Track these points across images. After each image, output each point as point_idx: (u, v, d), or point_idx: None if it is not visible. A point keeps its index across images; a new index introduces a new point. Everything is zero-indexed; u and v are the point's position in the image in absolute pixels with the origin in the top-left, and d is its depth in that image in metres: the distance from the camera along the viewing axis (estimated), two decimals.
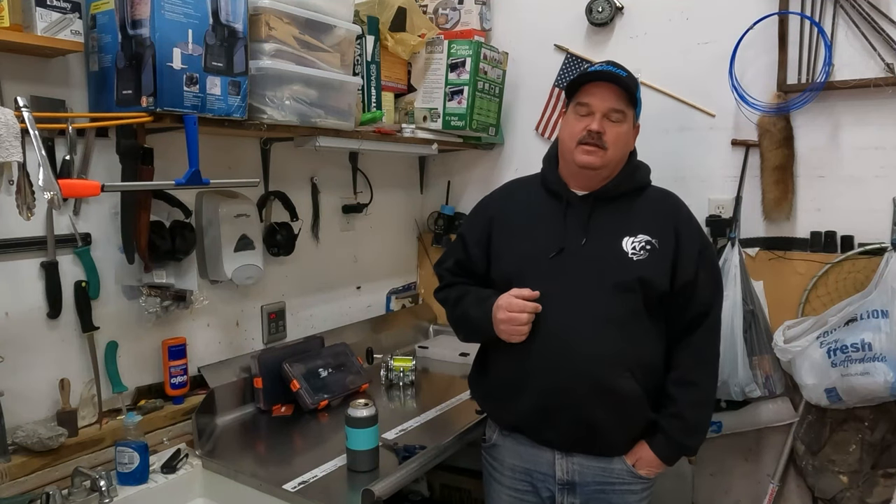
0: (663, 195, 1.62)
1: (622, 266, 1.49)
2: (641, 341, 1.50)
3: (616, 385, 1.46)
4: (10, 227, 1.47)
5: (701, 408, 1.55)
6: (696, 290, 1.52)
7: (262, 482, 1.54)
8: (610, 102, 1.49)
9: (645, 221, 1.54)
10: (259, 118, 1.66)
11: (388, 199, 2.67)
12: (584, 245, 1.52)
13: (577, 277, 1.50)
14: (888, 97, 1.89)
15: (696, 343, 1.54)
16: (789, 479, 2.12)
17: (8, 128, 1.17)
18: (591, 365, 1.45)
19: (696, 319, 1.53)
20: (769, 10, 2.01)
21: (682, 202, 1.62)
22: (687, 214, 1.59)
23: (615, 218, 1.54)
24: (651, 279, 1.48)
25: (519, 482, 1.61)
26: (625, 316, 1.48)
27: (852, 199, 1.98)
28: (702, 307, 1.53)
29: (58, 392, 1.56)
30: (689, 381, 1.52)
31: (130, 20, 1.42)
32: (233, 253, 1.86)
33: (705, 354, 1.56)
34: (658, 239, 1.51)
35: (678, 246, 1.52)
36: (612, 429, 1.49)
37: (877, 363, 1.77)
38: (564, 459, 1.54)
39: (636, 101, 1.54)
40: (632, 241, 1.51)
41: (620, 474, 1.53)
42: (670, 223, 1.54)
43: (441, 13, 2.52)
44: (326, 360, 2.08)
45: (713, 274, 1.58)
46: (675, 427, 1.51)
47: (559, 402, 1.49)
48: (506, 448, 1.63)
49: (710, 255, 1.59)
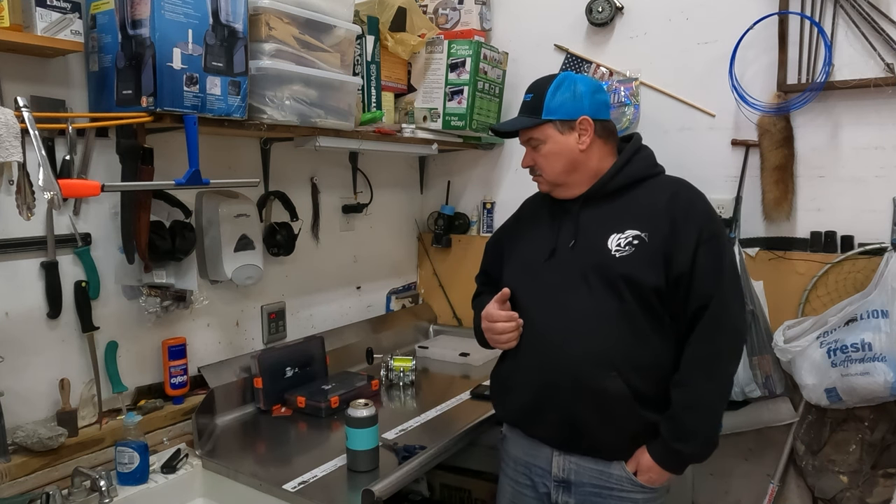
0: (667, 184, 1.55)
1: (605, 264, 1.47)
2: (635, 340, 1.45)
3: (599, 385, 1.43)
4: (10, 227, 1.47)
5: (695, 411, 1.43)
6: (692, 282, 1.43)
7: (262, 482, 1.54)
8: (523, 136, 1.59)
9: (637, 215, 1.50)
10: (259, 118, 1.66)
11: (388, 199, 2.67)
12: (573, 246, 1.53)
13: (564, 278, 1.51)
14: (888, 97, 1.89)
15: (694, 341, 1.45)
16: (789, 479, 2.12)
17: (8, 128, 1.17)
18: (574, 364, 1.45)
19: (696, 314, 1.44)
20: (769, 10, 2.01)
21: (685, 190, 1.52)
22: (687, 202, 1.49)
23: (606, 216, 1.53)
24: (635, 276, 1.43)
25: (519, 475, 1.63)
26: (613, 315, 1.45)
27: (852, 199, 1.98)
28: (700, 300, 1.43)
29: (58, 392, 1.56)
30: (682, 382, 1.45)
31: (130, 20, 1.42)
32: (233, 253, 1.86)
33: (703, 353, 1.44)
34: (650, 232, 1.46)
35: (674, 237, 1.45)
36: (596, 428, 1.47)
37: (877, 363, 1.77)
38: (561, 457, 1.54)
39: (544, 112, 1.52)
40: (618, 237, 1.48)
41: (619, 480, 1.50)
42: (666, 214, 1.47)
43: (441, 13, 2.52)
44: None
45: (715, 264, 1.44)
46: (669, 430, 1.44)
47: (546, 401, 1.51)
48: (511, 441, 1.67)
49: (713, 244, 1.45)
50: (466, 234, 2.74)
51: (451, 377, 2.32)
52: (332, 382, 2.06)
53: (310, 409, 1.93)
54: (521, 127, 1.58)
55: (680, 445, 1.43)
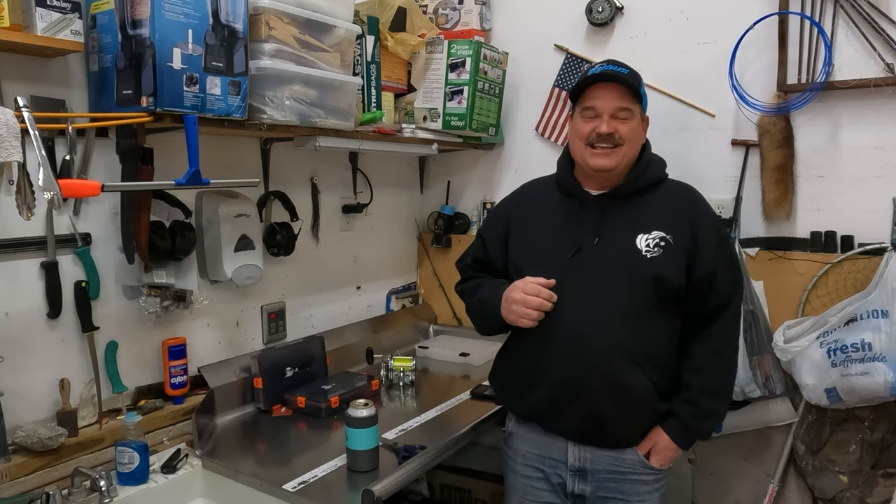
0: (679, 189, 1.62)
1: (637, 264, 1.51)
2: (653, 336, 1.52)
3: (627, 379, 1.49)
4: (10, 227, 1.47)
5: (714, 396, 1.55)
6: (715, 282, 1.53)
7: (262, 482, 1.54)
8: (615, 102, 1.51)
9: (659, 217, 1.55)
10: (259, 118, 1.66)
11: (388, 199, 2.67)
12: (598, 244, 1.54)
13: (592, 275, 1.52)
14: (888, 97, 1.89)
15: (714, 334, 1.55)
16: (789, 479, 2.12)
17: (8, 128, 1.17)
18: (603, 359, 1.49)
19: (716, 311, 1.54)
20: (769, 10, 2.01)
21: (698, 195, 1.62)
22: (704, 207, 1.60)
23: (629, 216, 1.56)
24: (666, 276, 1.50)
25: (530, 469, 1.65)
26: (637, 312, 1.50)
27: (852, 199, 1.98)
28: (722, 298, 1.54)
29: (58, 392, 1.56)
30: (704, 369, 1.54)
31: (130, 20, 1.42)
32: (233, 253, 1.86)
33: (722, 345, 1.57)
34: (673, 234, 1.52)
35: (695, 240, 1.53)
36: (620, 422, 1.53)
37: (877, 363, 1.77)
38: (577, 448, 1.58)
39: (641, 96, 1.54)
40: (646, 238, 1.52)
41: (633, 464, 1.56)
42: (686, 218, 1.55)
43: (441, 13, 2.52)
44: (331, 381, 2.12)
45: (732, 266, 1.58)
46: (688, 412, 1.53)
47: (571, 395, 1.53)
48: (520, 436, 1.68)
49: (728, 247, 1.60)
50: (466, 234, 2.74)
51: (451, 377, 2.32)
52: (332, 382, 2.06)
53: (310, 409, 1.93)
54: (632, 86, 1.50)
55: (698, 424, 1.55)
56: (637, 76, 1.57)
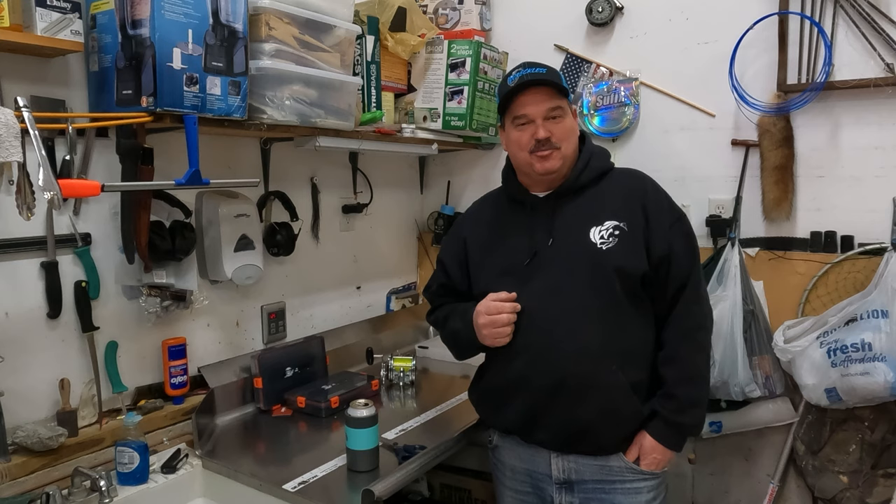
0: (627, 175, 1.60)
1: (594, 258, 1.48)
2: (624, 330, 1.48)
3: (602, 380, 1.45)
4: (10, 227, 1.47)
5: (690, 383, 1.49)
6: (671, 263, 1.49)
7: (262, 482, 1.54)
8: (544, 104, 1.49)
9: (610, 207, 1.52)
10: (259, 118, 1.66)
11: (388, 199, 2.67)
12: (552, 245, 1.52)
13: (552, 277, 1.50)
14: (888, 97, 1.89)
15: (678, 316, 1.50)
16: (789, 479, 2.12)
17: (8, 128, 1.17)
18: (575, 361, 1.45)
19: (676, 292, 1.50)
20: (769, 10, 2.01)
21: (647, 178, 1.59)
22: (654, 190, 1.56)
23: (580, 211, 1.53)
24: (626, 265, 1.47)
25: (520, 483, 1.62)
26: (604, 307, 1.47)
27: (852, 199, 1.98)
28: (680, 279, 1.50)
29: (58, 392, 1.56)
30: (674, 357, 1.50)
31: (130, 20, 1.42)
32: (233, 253, 1.86)
33: (689, 326, 1.51)
34: (626, 221, 1.50)
35: (647, 223, 1.50)
36: (600, 426, 1.48)
37: (877, 363, 1.77)
38: (560, 458, 1.54)
39: (565, 90, 1.53)
40: (599, 230, 1.50)
41: (620, 472, 1.51)
42: (637, 202, 1.52)
43: (441, 13, 2.52)
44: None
45: (688, 245, 1.54)
46: (668, 407, 1.48)
47: (546, 403, 1.49)
48: (506, 449, 1.64)
49: (682, 226, 1.55)
50: None
51: (450, 377, 2.32)
52: (332, 382, 2.06)
53: (310, 409, 1.93)
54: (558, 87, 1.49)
55: (681, 418, 1.49)
56: (555, 72, 1.55)
